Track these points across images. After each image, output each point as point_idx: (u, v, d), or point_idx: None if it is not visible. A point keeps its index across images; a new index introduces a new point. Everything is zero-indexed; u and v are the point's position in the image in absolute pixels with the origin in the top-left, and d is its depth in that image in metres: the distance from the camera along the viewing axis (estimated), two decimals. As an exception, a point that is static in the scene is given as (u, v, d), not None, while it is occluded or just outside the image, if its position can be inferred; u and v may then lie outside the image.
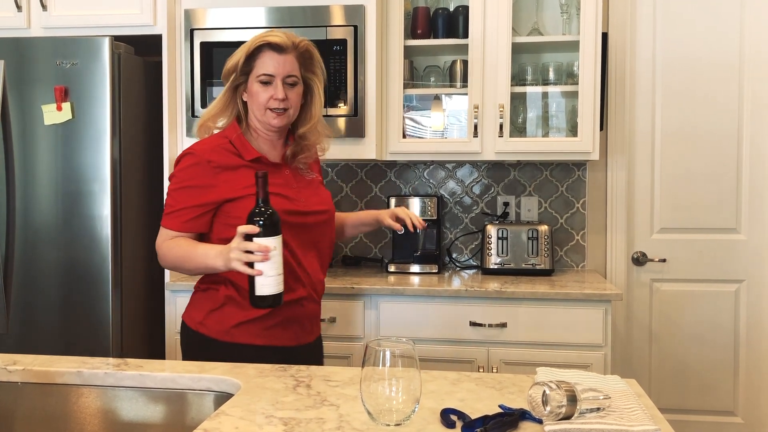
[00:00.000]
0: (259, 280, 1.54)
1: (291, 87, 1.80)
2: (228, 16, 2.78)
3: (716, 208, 3.09)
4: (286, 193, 1.80)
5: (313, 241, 1.85)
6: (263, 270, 1.54)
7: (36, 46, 2.62)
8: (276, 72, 1.77)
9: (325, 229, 1.91)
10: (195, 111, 2.80)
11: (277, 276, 1.56)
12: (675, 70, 3.09)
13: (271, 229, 1.55)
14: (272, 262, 1.54)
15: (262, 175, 1.57)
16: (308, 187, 1.89)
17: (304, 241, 1.82)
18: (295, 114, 1.84)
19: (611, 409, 1.17)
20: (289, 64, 1.78)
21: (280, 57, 1.77)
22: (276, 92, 1.77)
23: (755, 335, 3.08)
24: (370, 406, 1.11)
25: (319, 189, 1.94)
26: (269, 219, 1.55)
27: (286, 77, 1.78)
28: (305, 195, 1.86)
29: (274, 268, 1.55)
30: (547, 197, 3.18)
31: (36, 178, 2.63)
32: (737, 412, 3.10)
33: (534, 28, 3.03)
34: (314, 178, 1.94)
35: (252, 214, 1.56)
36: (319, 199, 1.90)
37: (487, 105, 2.84)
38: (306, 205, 1.84)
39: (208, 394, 1.42)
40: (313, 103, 1.88)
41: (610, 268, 3.15)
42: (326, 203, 1.92)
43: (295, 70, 1.80)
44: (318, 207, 1.87)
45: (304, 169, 1.91)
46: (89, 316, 2.61)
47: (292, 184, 1.85)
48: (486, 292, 2.57)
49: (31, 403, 1.47)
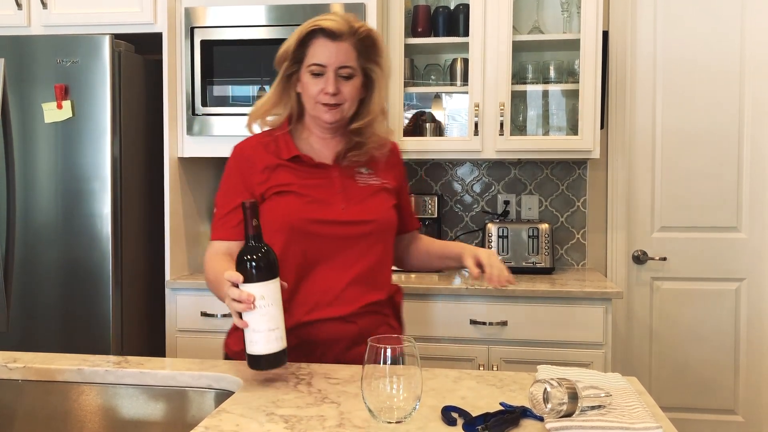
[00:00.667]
0: (248, 335, 1.29)
1: (346, 79, 1.57)
2: (228, 14, 2.78)
3: (717, 206, 3.09)
4: (321, 197, 1.59)
5: (351, 256, 1.59)
6: (249, 322, 1.28)
7: (36, 44, 2.62)
8: (328, 62, 1.55)
9: (369, 244, 1.61)
10: (195, 109, 2.80)
11: (268, 331, 1.28)
12: (676, 68, 3.09)
13: (261, 273, 1.28)
14: (260, 313, 1.27)
15: (250, 206, 1.30)
16: (359, 193, 1.63)
17: (335, 255, 1.58)
18: (351, 109, 1.61)
19: (612, 406, 1.17)
20: (343, 54, 1.55)
21: (334, 45, 1.55)
22: (327, 85, 1.55)
23: (756, 334, 3.08)
24: (371, 403, 1.11)
25: (374, 197, 1.65)
26: (259, 261, 1.28)
27: (340, 68, 1.55)
28: (350, 202, 1.61)
29: (263, 322, 1.27)
30: (547, 196, 3.18)
31: (36, 177, 2.63)
32: (737, 410, 3.10)
33: (534, 27, 3.03)
34: (374, 184, 1.66)
35: (240, 254, 1.30)
36: (364, 207, 1.62)
37: (488, 103, 2.83)
38: (343, 214, 1.59)
39: (209, 392, 1.42)
40: (373, 95, 1.64)
41: (611, 266, 3.15)
42: (373, 213, 1.62)
43: (351, 60, 1.57)
44: (358, 216, 1.60)
45: (365, 172, 1.66)
46: (90, 314, 2.61)
47: (335, 188, 1.61)
48: (486, 290, 2.56)
49: (32, 400, 1.47)
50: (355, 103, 1.62)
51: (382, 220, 1.64)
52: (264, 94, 1.69)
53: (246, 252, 1.29)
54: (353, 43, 1.56)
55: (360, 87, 1.61)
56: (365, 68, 1.61)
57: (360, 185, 1.64)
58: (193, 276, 2.86)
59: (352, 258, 1.59)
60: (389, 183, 1.69)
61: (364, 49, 1.59)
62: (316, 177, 1.61)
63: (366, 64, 1.60)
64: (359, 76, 1.60)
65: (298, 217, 1.56)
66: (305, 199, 1.58)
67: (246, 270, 1.27)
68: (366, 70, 1.61)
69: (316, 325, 1.57)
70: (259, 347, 1.28)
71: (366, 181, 1.66)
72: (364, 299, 1.58)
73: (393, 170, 1.73)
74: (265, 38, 2.76)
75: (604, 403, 1.17)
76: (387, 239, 1.67)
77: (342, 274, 1.58)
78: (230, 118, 2.79)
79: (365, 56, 1.59)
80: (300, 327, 1.55)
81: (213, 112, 2.80)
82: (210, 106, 2.80)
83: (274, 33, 2.75)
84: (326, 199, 1.59)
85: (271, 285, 1.28)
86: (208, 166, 3.16)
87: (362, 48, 1.58)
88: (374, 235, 1.62)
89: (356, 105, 1.62)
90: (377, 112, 1.64)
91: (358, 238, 1.59)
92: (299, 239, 1.57)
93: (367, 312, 1.58)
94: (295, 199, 1.58)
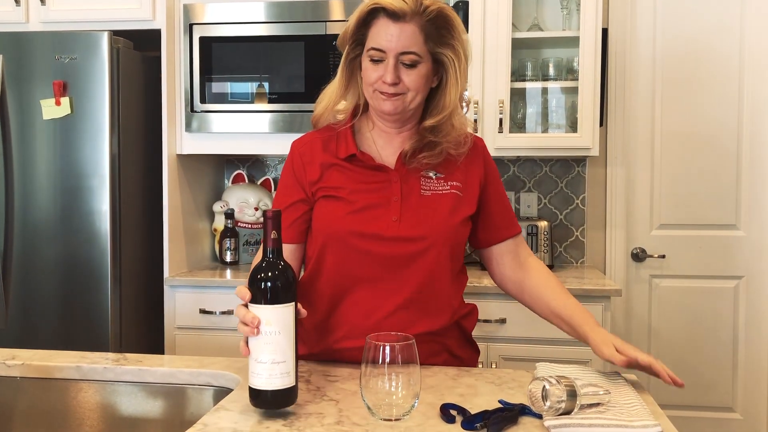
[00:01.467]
0: (251, 364, 1.13)
1: (409, 67, 1.35)
2: (227, 10, 2.77)
3: (716, 204, 3.09)
4: (373, 205, 1.39)
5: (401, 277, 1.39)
6: (252, 350, 1.12)
7: (34, 41, 2.61)
8: (388, 47, 1.34)
9: (425, 264, 1.39)
10: (194, 106, 2.80)
11: (271, 364, 1.11)
12: (675, 66, 3.09)
13: (272, 295, 1.11)
14: (265, 341, 1.10)
15: (272, 216, 1.13)
16: (418, 204, 1.40)
17: (381, 274, 1.39)
18: (416, 99, 1.39)
19: (611, 404, 1.17)
20: (406, 37, 1.33)
21: (396, 27, 1.33)
22: (385, 74, 1.35)
23: (754, 331, 3.08)
24: (369, 400, 1.11)
25: (436, 208, 1.41)
26: (272, 280, 1.12)
27: (402, 54, 1.34)
28: (406, 213, 1.39)
29: (267, 352, 1.11)
30: (546, 193, 3.18)
31: (35, 173, 2.62)
32: (736, 408, 3.10)
33: (534, 24, 3.02)
34: (441, 192, 1.43)
35: (253, 270, 1.14)
36: (419, 221, 1.39)
37: (487, 101, 2.83)
38: (393, 228, 1.38)
39: (208, 389, 1.42)
40: (447, 87, 1.40)
41: (610, 264, 3.15)
42: (428, 228, 1.39)
43: (416, 45, 1.34)
44: (410, 232, 1.38)
45: (434, 177, 1.43)
46: (88, 311, 2.61)
47: (392, 196, 1.40)
48: (485, 287, 2.56)
49: (31, 397, 1.46)
50: (422, 93, 1.40)
51: (439, 236, 1.40)
52: (263, 90, 1.55)
53: (260, 268, 1.13)
54: (420, 25, 1.34)
55: (427, 75, 1.38)
56: (436, 53, 1.38)
57: (423, 193, 1.41)
58: (191, 273, 2.86)
59: (402, 279, 1.39)
60: (464, 188, 1.45)
61: (435, 31, 1.36)
62: (373, 181, 1.41)
63: (436, 49, 1.37)
64: (427, 63, 1.37)
65: (339, 227, 1.39)
66: (352, 207, 1.39)
67: (257, 288, 1.12)
68: (437, 55, 1.38)
69: (347, 355, 1.41)
70: (261, 381, 1.12)
71: (432, 188, 1.43)
72: (414, 328, 1.36)
73: (473, 170, 1.47)
74: (264, 35, 2.75)
75: (603, 401, 1.17)
76: (448, 257, 1.43)
77: (388, 298, 1.39)
78: (229, 115, 2.79)
79: (435, 39, 1.37)
80: (327, 354, 1.44)
81: (212, 109, 2.80)
82: (209, 103, 2.80)
83: (273, 30, 2.74)
84: (378, 209, 1.39)
85: (281, 309, 1.11)
86: (207, 163, 3.16)
87: (432, 30, 1.36)
88: (430, 254, 1.39)
89: (424, 94, 1.41)
90: (454, 103, 1.40)
91: (408, 258, 1.39)
92: (338, 252, 1.40)
93: (419, 342, 1.16)
94: (342, 206, 1.40)
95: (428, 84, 1.40)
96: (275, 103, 2.75)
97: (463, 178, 1.45)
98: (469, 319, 1.55)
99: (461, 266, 1.52)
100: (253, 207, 3.10)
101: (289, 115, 2.75)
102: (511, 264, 1.55)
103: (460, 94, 1.42)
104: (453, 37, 1.38)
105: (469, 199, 1.46)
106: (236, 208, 3.09)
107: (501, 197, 1.53)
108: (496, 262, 1.57)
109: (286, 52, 2.73)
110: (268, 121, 2.77)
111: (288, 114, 2.75)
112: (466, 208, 1.45)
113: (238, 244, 3.06)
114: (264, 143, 2.84)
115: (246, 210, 3.10)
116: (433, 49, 1.37)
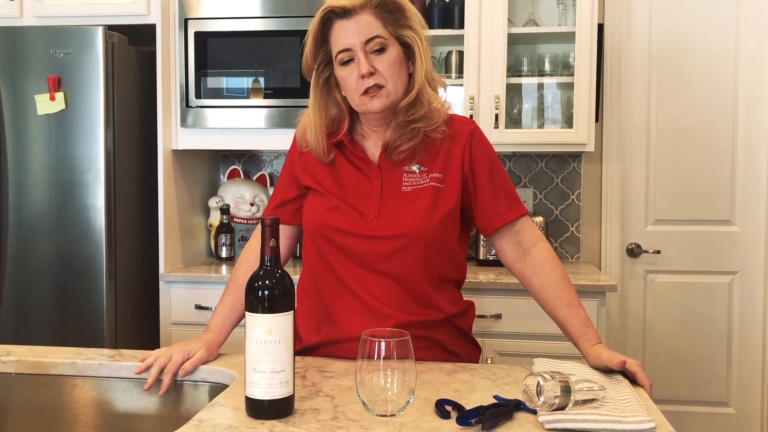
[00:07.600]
0: (249, 374, 1.12)
1: (379, 53, 1.36)
2: (222, 5, 2.76)
3: (711, 199, 3.10)
4: (355, 201, 1.42)
5: (386, 273, 1.40)
6: (251, 359, 1.11)
7: (29, 36, 2.60)
8: (351, 43, 1.35)
9: (406, 260, 1.39)
10: (189, 101, 2.79)
11: (271, 373, 1.10)
12: (670, 61, 3.09)
13: (272, 304, 1.11)
14: (265, 351, 1.10)
15: (270, 223, 1.12)
16: (397, 200, 1.41)
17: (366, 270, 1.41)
18: (397, 88, 1.38)
19: (606, 400, 1.18)
20: (363, 26, 1.35)
21: (351, 22, 1.35)
22: (360, 67, 1.35)
23: (748, 327, 3.10)
24: (365, 396, 1.11)
25: (415, 203, 1.40)
26: (271, 289, 1.11)
27: (366, 43, 1.35)
28: (384, 210, 1.40)
29: (267, 361, 1.10)
30: (542, 189, 3.18)
31: (29, 169, 2.61)
32: (730, 402, 3.12)
33: (530, 19, 3.02)
34: (421, 186, 1.41)
35: (251, 279, 1.13)
36: (397, 218, 1.39)
37: (483, 96, 2.83)
38: (371, 226, 1.39)
39: (203, 385, 1.42)
40: (415, 65, 1.40)
41: (605, 259, 3.16)
42: (406, 225, 1.38)
43: (377, 29, 1.36)
44: (387, 230, 1.39)
45: (417, 171, 1.42)
46: (83, 307, 2.61)
47: (372, 192, 1.42)
48: (480, 283, 2.57)
49: (25, 394, 1.46)
50: (401, 81, 1.39)
51: (417, 233, 1.38)
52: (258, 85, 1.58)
53: (258, 277, 1.12)
54: (372, 13, 1.36)
55: (399, 59, 1.38)
56: (399, 36, 1.39)
57: (404, 189, 1.41)
58: (186, 269, 2.86)
59: (388, 275, 1.39)
60: (444, 178, 1.42)
61: (389, 15, 1.38)
62: (355, 178, 1.43)
63: (398, 32, 1.39)
64: (395, 46, 1.38)
65: (320, 222, 1.41)
66: (333, 202, 1.41)
67: (255, 298, 1.11)
68: (401, 38, 1.39)
69: (342, 345, 1.44)
70: (260, 390, 1.11)
71: (413, 183, 1.42)
72: (394, 321, 1.38)
73: (453, 156, 1.43)
74: (259, 30, 2.74)
75: (598, 397, 1.17)
76: (430, 254, 1.41)
77: (375, 291, 1.40)
78: (224, 110, 2.78)
79: (393, 23, 1.38)
80: (324, 346, 1.47)
81: (207, 104, 2.79)
82: (204, 98, 2.79)
83: (269, 24, 2.74)
84: (360, 205, 1.41)
85: (280, 318, 1.11)
86: (202, 158, 3.15)
87: (386, 15, 1.37)
88: (410, 251, 1.38)
89: (404, 82, 1.40)
90: (420, 79, 1.40)
91: (386, 255, 1.39)
92: (320, 247, 1.43)
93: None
94: (324, 201, 1.44)
95: (404, 70, 1.41)
96: (271, 98, 2.75)
97: (444, 167, 1.44)
98: (465, 317, 1.54)
99: (456, 262, 1.49)
100: (248, 202, 3.09)
101: (284, 110, 2.74)
102: (512, 253, 1.51)
103: (427, 70, 1.42)
104: (407, 18, 1.40)
105: (450, 191, 1.43)
106: (232, 204, 3.09)
107: (491, 182, 1.48)
108: (498, 250, 1.54)
109: (281, 47, 2.73)
110: (264, 116, 2.77)
111: (284, 109, 2.74)
112: (447, 202, 1.43)
113: (233, 239, 3.06)
114: (259, 138, 2.83)
115: (241, 205, 3.09)
116: (396, 33, 1.39)
